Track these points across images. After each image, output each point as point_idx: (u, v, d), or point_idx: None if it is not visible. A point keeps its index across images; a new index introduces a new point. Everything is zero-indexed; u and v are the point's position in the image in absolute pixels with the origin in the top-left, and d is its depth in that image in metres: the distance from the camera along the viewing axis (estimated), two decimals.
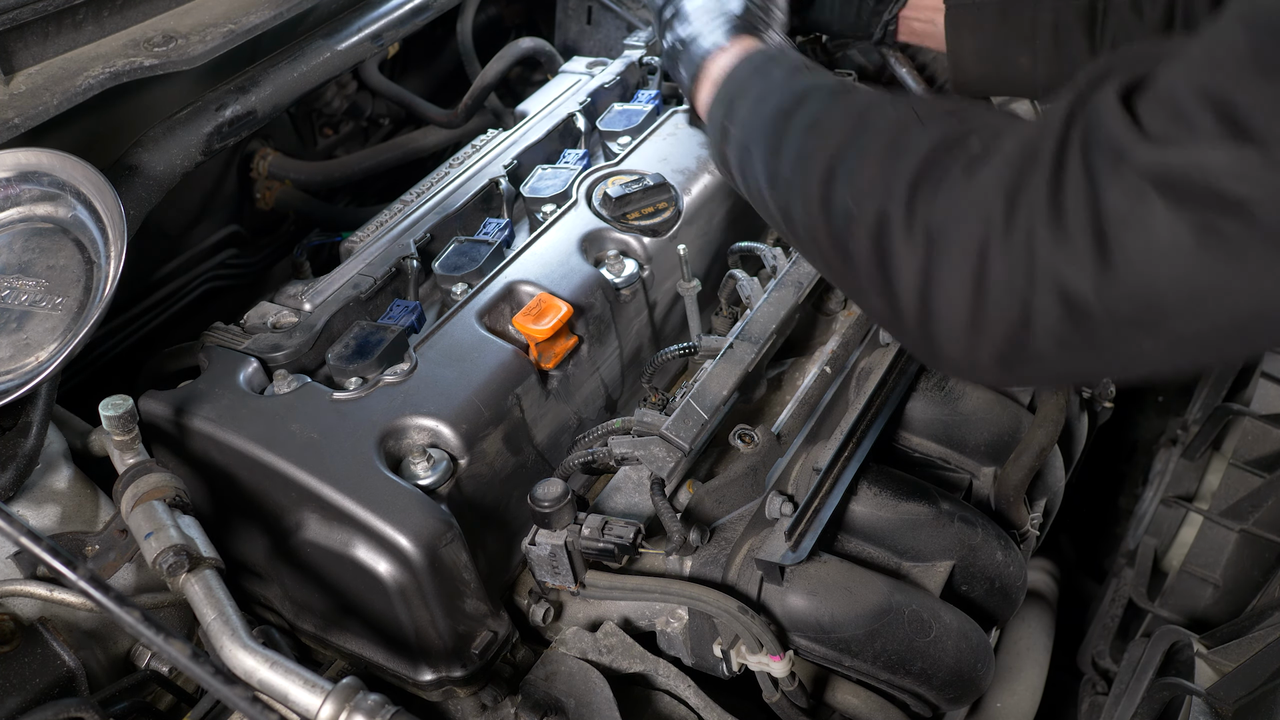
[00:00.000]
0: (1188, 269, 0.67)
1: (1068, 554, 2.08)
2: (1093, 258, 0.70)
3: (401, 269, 1.36)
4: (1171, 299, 0.69)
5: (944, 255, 0.81)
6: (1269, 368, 1.75)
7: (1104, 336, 0.74)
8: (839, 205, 0.90)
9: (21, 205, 1.18)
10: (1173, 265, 0.67)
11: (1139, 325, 0.71)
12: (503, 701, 1.10)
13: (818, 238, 0.94)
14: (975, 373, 0.87)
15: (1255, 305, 0.67)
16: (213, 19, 1.36)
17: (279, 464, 1.10)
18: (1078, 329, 0.74)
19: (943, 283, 0.81)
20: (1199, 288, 0.68)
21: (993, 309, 0.78)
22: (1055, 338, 0.76)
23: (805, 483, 1.22)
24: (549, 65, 1.91)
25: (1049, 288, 0.74)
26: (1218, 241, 0.65)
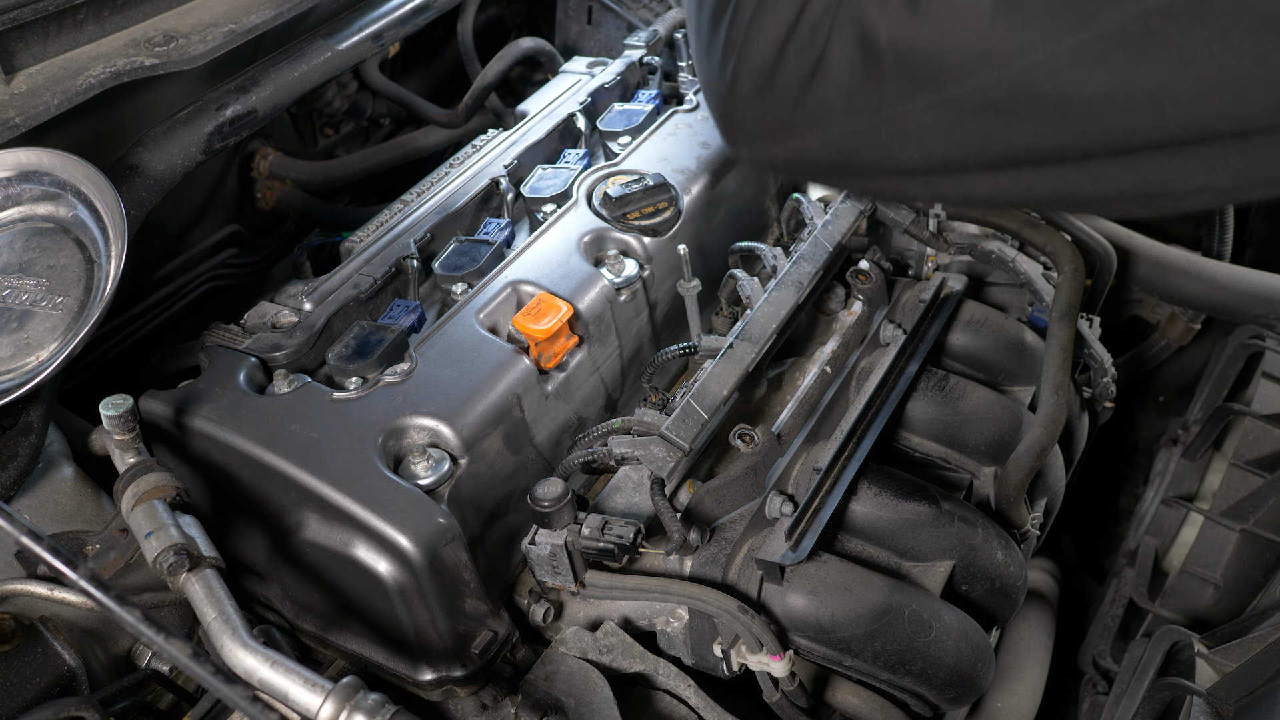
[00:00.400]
0: (981, 25, 0.66)
1: (1068, 554, 2.08)
2: (901, 2, 0.70)
3: (402, 269, 1.36)
4: (960, 54, 0.68)
5: (770, 1, 0.79)
6: (1270, 368, 1.75)
7: (888, 90, 0.72)
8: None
9: (22, 205, 1.19)
10: (970, 19, 0.67)
11: (922, 80, 0.70)
12: (503, 701, 1.10)
13: (694, 3, 0.92)
14: (763, 137, 0.84)
15: (1028, 76, 0.66)
16: (213, 19, 1.37)
17: (279, 464, 1.10)
18: (866, 77, 0.73)
19: (758, 31, 0.80)
20: (986, 46, 0.67)
21: (791, 54, 0.77)
22: (842, 88, 0.75)
23: (805, 482, 1.22)
24: (549, 65, 1.91)
25: (850, 30, 0.73)
26: (1013, 3, 0.65)
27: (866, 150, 0.78)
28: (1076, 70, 0.64)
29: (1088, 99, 0.65)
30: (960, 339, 1.50)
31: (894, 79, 0.72)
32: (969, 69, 0.68)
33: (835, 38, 0.73)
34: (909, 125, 0.73)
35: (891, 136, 0.75)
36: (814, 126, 0.79)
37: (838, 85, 0.75)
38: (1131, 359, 2.18)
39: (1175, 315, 2.10)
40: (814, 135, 0.80)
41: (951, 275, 1.56)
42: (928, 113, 0.71)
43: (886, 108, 0.73)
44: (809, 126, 0.79)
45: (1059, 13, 0.63)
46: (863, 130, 0.76)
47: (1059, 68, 0.64)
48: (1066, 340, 1.44)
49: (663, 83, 1.79)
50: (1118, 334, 2.14)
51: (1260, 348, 1.76)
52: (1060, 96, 0.66)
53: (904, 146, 0.76)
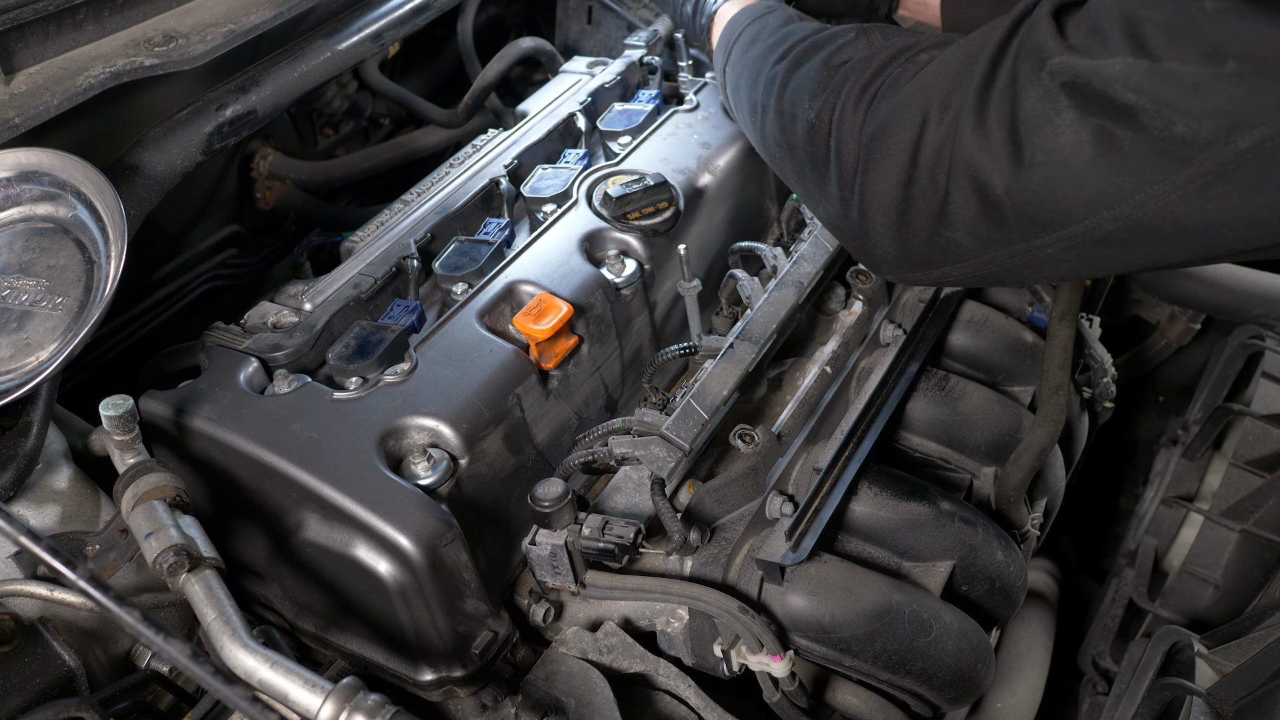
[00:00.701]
0: (1086, 171, 0.71)
1: (1068, 554, 2.08)
2: (1007, 154, 0.75)
3: (402, 269, 1.36)
4: (1071, 199, 0.73)
5: (881, 146, 0.85)
6: (1270, 368, 1.75)
7: (1012, 231, 0.78)
8: (802, 115, 0.94)
9: (22, 205, 1.18)
10: (1074, 167, 0.71)
11: (1042, 223, 0.76)
12: (503, 701, 1.10)
13: (785, 146, 0.99)
14: (906, 267, 0.91)
15: (1140, 211, 0.70)
16: (213, 19, 1.36)
17: (279, 464, 1.10)
18: (990, 222, 0.79)
19: (876, 175, 0.86)
20: (1095, 190, 0.71)
21: (916, 198, 0.83)
22: (970, 230, 0.80)
23: (805, 483, 1.22)
24: (549, 65, 1.91)
25: (965, 180, 0.78)
26: (1112, 146, 0.69)
27: (1004, 275, 0.85)
28: (1184, 204, 0.68)
29: (1199, 225, 0.70)
30: (960, 339, 1.50)
31: (1015, 221, 0.77)
32: (1082, 211, 0.73)
33: (954, 185, 0.79)
34: (1039, 256, 0.79)
35: (1025, 264, 0.81)
36: (950, 259, 0.86)
37: (964, 227, 0.81)
38: (1131, 359, 2.18)
39: (1175, 315, 2.10)
40: (953, 267, 0.87)
41: None
42: (1053, 247, 0.77)
43: (1013, 244, 0.79)
44: (945, 259, 0.86)
45: (1160, 155, 0.67)
46: (996, 260, 0.83)
47: (1167, 202, 0.69)
48: (1066, 340, 1.44)
49: (663, 83, 1.79)
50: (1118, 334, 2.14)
51: (1260, 348, 1.76)
52: (1173, 226, 0.70)
53: (1038, 271, 0.82)
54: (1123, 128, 0.68)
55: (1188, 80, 0.64)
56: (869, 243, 0.91)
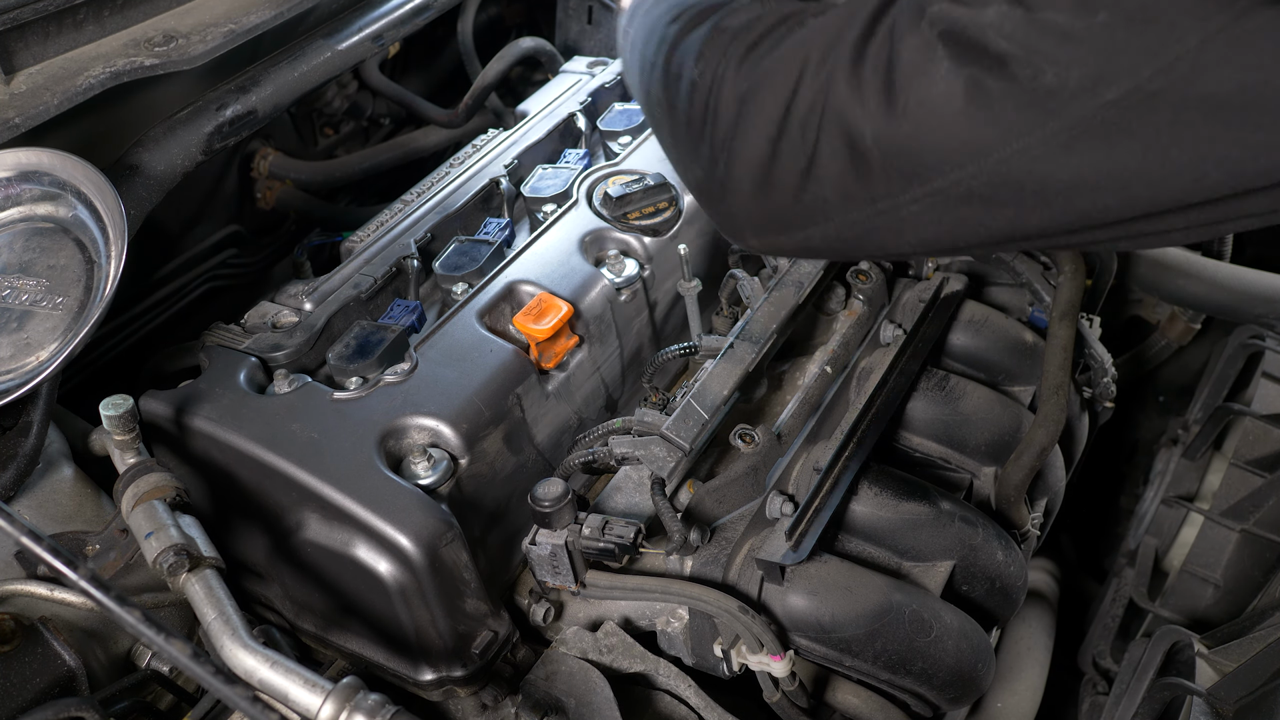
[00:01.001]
0: (955, 122, 0.70)
1: (1068, 554, 2.08)
2: (879, 104, 0.73)
3: (402, 269, 1.36)
4: (939, 150, 0.72)
5: (756, 101, 0.83)
6: (1270, 368, 1.75)
7: (878, 184, 0.76)
8: (686, 74, 0.92)
9: (22, 205, 1.18)
10: (944, 117, 0.70)
11: (908, 175, 0.74)
12: (503, 701, 1.10)
13: (665, 106, 0.96)
14: (768, 230, 0.88)
15: (1005, 166, 0.69)
16: (213, 19, 1.36)
17: (279, 464, 1.10)
18: (857, 175, 0.77)
19: (747, 130, 0.83)
20: (963, 141, 0.70)
21: (784, 153, 0.81)
22: (836, 184, 0.79)
23: (806, 482, 1.22)
24: (550, 65, 1.91)
25: (836, 130, 0.76)
26: (982, 96, 0.68)
27: (866, 238, 0.83)
28: (1048, 160, 0.68)
29: (1061, 184, 0.69)
30: (960, 339, 1.50)
31: (882, 174, 0.76)
32: (949, 163, 0.72)
33: (824, 137, 0.78)
34: (902, 215, 0.77)
35: (888, 225, 0.79)
36: (814, 219, 0.83)
37: (831, 181, 0.79)
38: (1131, 359, 2.18)
39: (1175, 315, 2.10)
40: (815, 227, 0.84)
41: (952, 275, 1.56)
42: (918, 204, 0.75)
43: (879, 201, 0.78)
44: (809, 219, 0.84)
45: (1028, 106, 0.67)
46: (860, 221, 0.80)
47: (1032, 157, 0.68)
48: (1066, 340, 1.44)
49: None
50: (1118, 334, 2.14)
51: (1260, 348, 1.76)
52: (1036, 183, 0.70)
53: (900, 234, 0.80)
54: (994, 77, 0.67)
55: (1059, 29, 0.64)
56: (733, 205, 0.89)
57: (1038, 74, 0.65)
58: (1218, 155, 0.63)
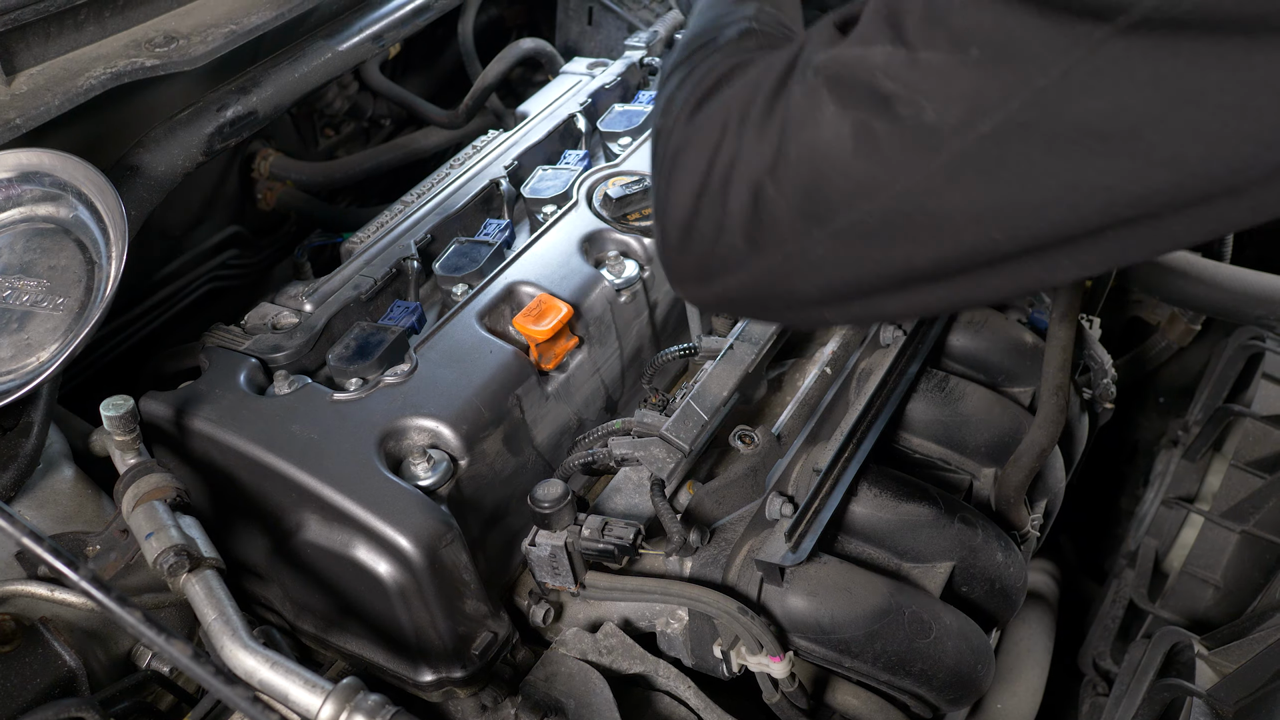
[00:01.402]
0: (846, 164, 0.72)
1: (1068, 555, 2.08)
2: (773, 150, 0.76)
3: (402, 270, 1.36)
4: (833, 192, 0.74)
5: (683, 159, 0.86)
6: (1270, 369, 1.75)
7: (783, 230, 0.79)
8: (657, 120, 0.96)
9: (23, 205, 1.19)
10: (834, 160, 0.73)
11: (810, 217, 0.76)
12: (503, 702, 1.10)
13: (651, 150, 0.99)
14: (693, 280, 0.91)
15: (897, 203, 0.71)
16: (214, 19, 1.37)
17: (279, 465, 1.10)
18: (761, 221, 0.79)
19: (677, 185, 0.86)
20: (856, 183, 0.72)
21: (704, 209, 0.84)
22: (745, 233, 0.81)
23: (805, 484, 1.22)
24: (550, 66, 1.91)
25: (744, 181, 0.79)
26: (869, 138, 0.70)
27: (779, 285, 0.84)
28: (934, 196, 0.70)
29: (948, 218, 0.71)
30: (960, 340, 1.50)
31: (786, 220, 0.78)
32: (845, 203, 0.74)
33: (733, 189, 0.81)
34: (810, 259, 0.80)
35: (796, 270, 0.82)
36: (729, 269, 0.86)
37: (740, 231, 0.81)
38: (1132, 360, 2.18)
39: (1175, 316, 2.10)
40: (731, 277, 0.86)
41: None
42: (821, 245, 0.78)
43: (786, 244, 0.80)
44: (725, 270, 0.86)
45: (911, 144, 0.69)
46: (771, 268, 0.83)
47: (919, 194, 0.70)
48: (1066, 341, 1.44)
49: None
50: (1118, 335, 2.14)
51: (1260, 349, 1.76)
52: (926, 218, 0.72)
53: (809, 279, 0.82)
54: (880, 119, 0.69)
55: (937, 67, 0.66)
56: (665, 255, 0.92)
57: (919, 112, 0.67)
58: (1089, 183, 0.65)
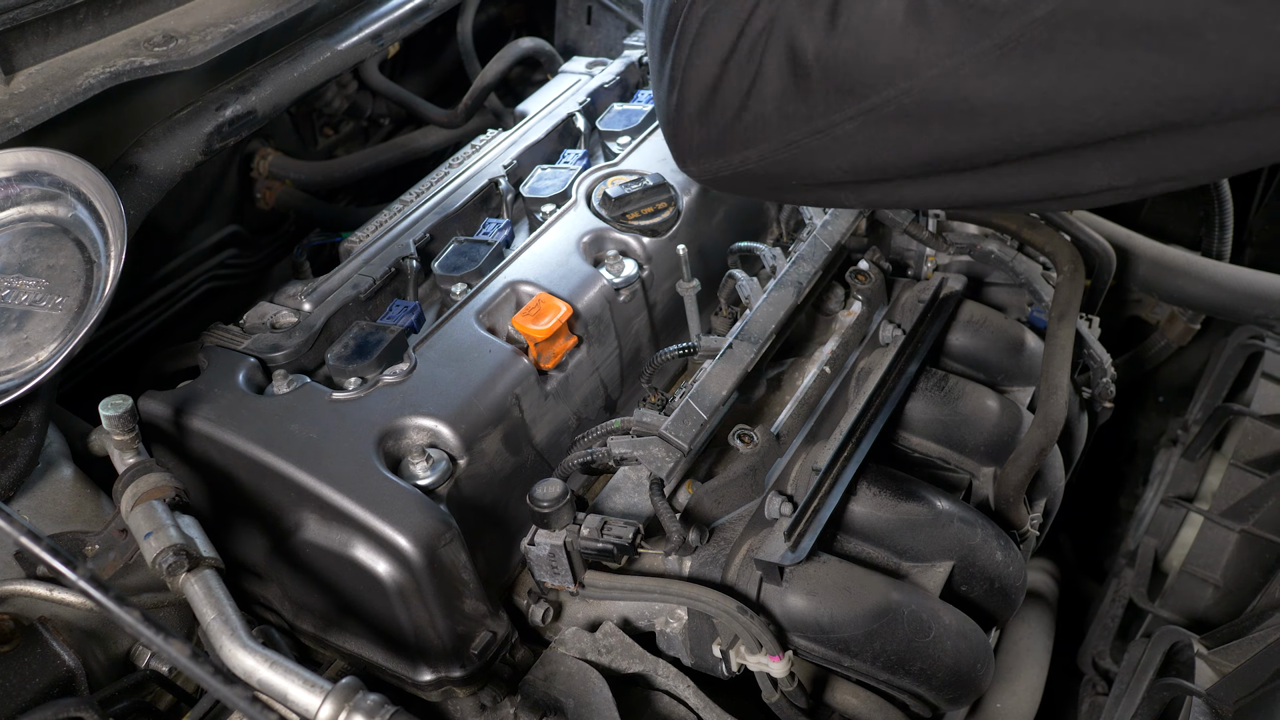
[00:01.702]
0: (894, 39, 0.71)
1: (1068, 554, 2.08)
2: (825, 19, 0.75)
3: (401, 269, 1.36)
4: (875, 66, 0.73)
5: (712, 22, 0.83)
6: (1269, 368, 1.75)
7: (816, 102, 0.77)
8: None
9: (22, 205, 1.18)
10: (884, 34, 0.71)
11: (845, 91, 0.75)
12: (502, 702, 1.10)
13: (652, 24, 0.96)
14: (706, 152, 0.88)
15: (937, 84, 0.70)
16: (213, 19, 1.36)
17: (278, 464, 1.10)
18: (797, 91, 0.78)
19: (701, 51, 0.84)
20: (898, 58, 0.71)
21: (731, 73, 0.81)
22: (776, 103, 0.79)
23: (805, 483, 1.22)
24: (549, 65, 1.91)
25: (782, 46, 0.77)
26: (921, 15, 0.69)
27: (801, 161, 0.83)
28: (978, 78, 0.69)
29: (988, 105, 0.70)
30: (960, 339, 1.50)
31: (821, 91, 0.77)
32: (884, 79, 0.73)
33: (769, 54, 0.79)
34: (837, 135, 0.78)
35: (822, 147, 0.80)
36: (752, 140, 0.84)
37: (772, 99, 0.80)
38: (1131, 359, 2.18)
39: (1175, 315, 2.10)
40: (753, 149, 0.84)
41: (951, 275, 1.56)
42: (852, 123, 0.76)
43: (815, 119, 0.78)
44: (748, 140, 0.84)
45: (963, 25, 0.68)
46: (796, 142, 0.81)
47: (963, 76, 0.70)
48: (1066, 340, 1.44)
49: None
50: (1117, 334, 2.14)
51: (1260, 348, 1.76)
52: (964, 103, 0.71)
53: (834, 157, 0.81)
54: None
55: None
56: (679, 127, 0.89)
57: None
58: (1137, 79, 0.64)
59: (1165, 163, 0.70)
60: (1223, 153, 0.68)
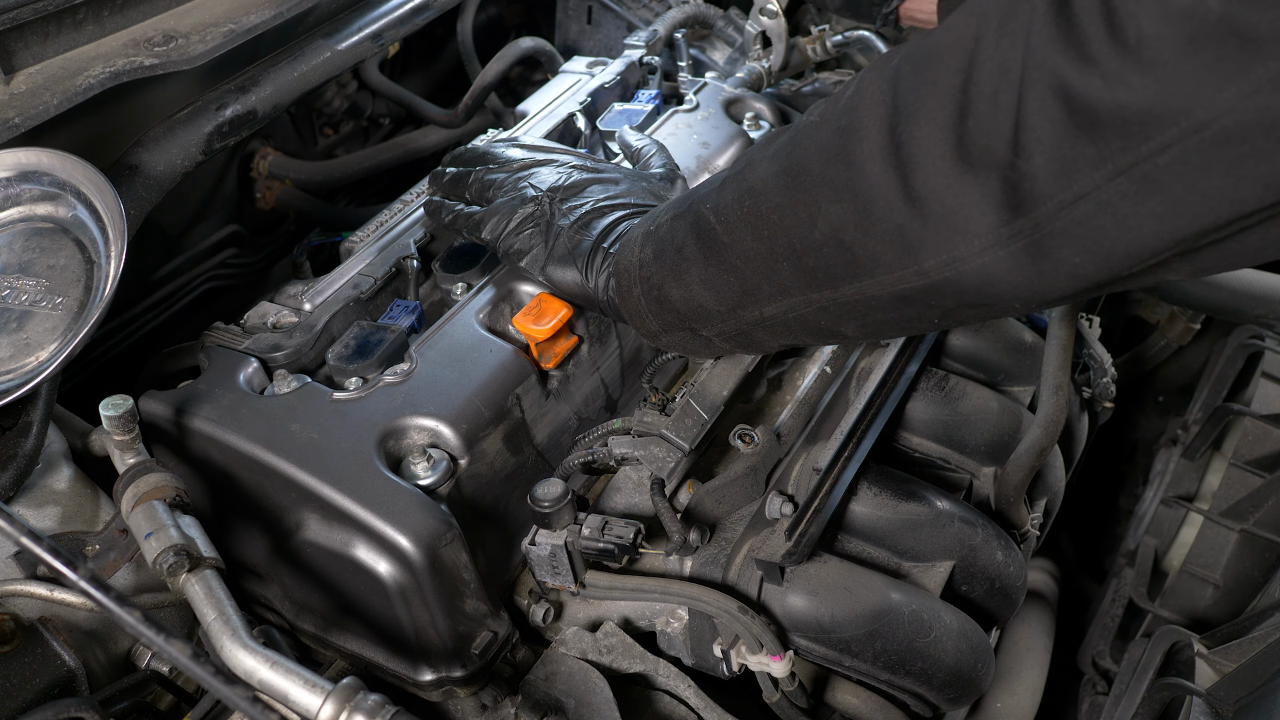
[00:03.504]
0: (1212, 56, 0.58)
1: (1068, 554, 2.08)
2: (1105, 41, 0.62)
3: (401, 269, 1.36)
4: (1186, 85, 0.60)
5: (920, 85, 0.72)
6: (1269, 368, 1.75)
7: (1110, 142, 0.64)
8: (808, 137, 0.86)
9: (22, 205, 1.18)
10: (1190, 33, 0.58)
11: (1148, 121, 0.62)
12: (503, 702, 1.10)
13: (789, 187, 0.88)
14: (976, 231, 0.73)
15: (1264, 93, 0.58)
16: (213, 18, 1.36)
17: (279, 464, 1.10)
18: (1080, 133, 0.65)
19: (922, 120, 0.72)
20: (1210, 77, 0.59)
21: (977, 133, 0.69)
22: (1053, 153, 0.67)
23: (805, 483, 1.22)
24: (549, 65, 1.91)
25: (1045, 88, 0.66)
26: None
27: (1103, 218, 0.68)
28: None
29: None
30: (960, 339, 1.50)
31: (1115, 127, 0.64)
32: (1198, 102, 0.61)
33: (1032, 103, 0.67)
34: (1145, 171, 0.64)
35: (1133, 194, 0.66)
36: (1036, 194, 0.69)
37: (1047, 150, 0.68)
38: (1131, 359, 2.18)
39: (1175, 315, 2.10)
40: (1038, 204, 0.70)
41: None
42: (1164, 155, 0.63)
43: (1108, 161, 0.66)
44: (1029, 198, 0.70)
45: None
46: (1090, 185, 0.67)
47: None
48: (1066, 340, 1.44)
49: (663, 83, 1.79)
50: (1118, 334, 2.14)
51: (1260, 348, 1.76)
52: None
53: (1148, 207, 0.67)
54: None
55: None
56: (923, 219, 0.75)
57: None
58: None
59: None
60: None
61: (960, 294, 0.81)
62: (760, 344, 1.10)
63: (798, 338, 1.07)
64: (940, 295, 0.82)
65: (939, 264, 0.78)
